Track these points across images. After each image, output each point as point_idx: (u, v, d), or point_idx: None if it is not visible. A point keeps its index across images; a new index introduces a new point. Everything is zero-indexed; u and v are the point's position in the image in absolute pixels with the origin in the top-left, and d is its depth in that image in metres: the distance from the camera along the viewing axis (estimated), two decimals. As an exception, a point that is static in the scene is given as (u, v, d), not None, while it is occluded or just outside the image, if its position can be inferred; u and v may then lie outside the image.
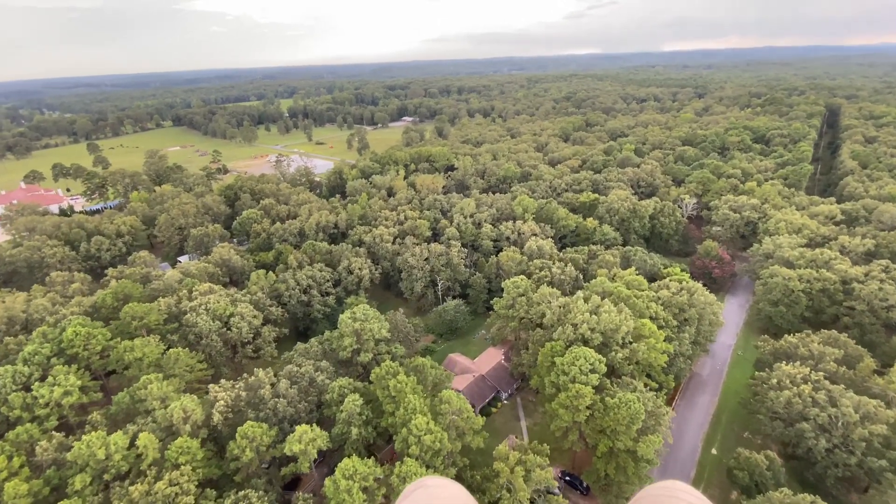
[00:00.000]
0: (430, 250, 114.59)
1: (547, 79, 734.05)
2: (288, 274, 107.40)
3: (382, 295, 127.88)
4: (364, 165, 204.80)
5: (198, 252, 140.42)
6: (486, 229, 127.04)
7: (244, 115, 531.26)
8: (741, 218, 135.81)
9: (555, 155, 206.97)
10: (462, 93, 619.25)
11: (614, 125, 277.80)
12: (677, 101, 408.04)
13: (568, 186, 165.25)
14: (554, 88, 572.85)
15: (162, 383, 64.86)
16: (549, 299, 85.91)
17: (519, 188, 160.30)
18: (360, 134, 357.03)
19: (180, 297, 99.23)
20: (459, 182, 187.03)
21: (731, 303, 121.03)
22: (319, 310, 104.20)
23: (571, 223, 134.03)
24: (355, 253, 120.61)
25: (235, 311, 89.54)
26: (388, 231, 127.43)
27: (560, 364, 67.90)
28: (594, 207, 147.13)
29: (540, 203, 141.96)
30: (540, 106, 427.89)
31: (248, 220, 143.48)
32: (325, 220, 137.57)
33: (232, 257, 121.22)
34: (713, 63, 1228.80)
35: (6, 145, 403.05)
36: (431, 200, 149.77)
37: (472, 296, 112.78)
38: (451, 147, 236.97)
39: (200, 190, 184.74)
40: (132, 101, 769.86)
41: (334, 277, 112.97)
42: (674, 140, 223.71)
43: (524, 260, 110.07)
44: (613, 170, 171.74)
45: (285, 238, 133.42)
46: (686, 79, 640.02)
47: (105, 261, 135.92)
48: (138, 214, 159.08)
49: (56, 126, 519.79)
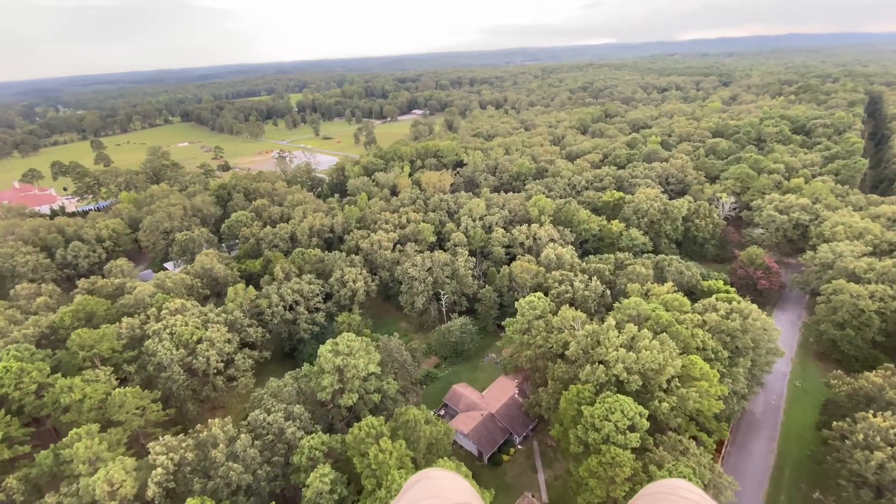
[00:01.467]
0: (433, 259, 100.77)
1: (562, 69, 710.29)
2: (272, 288, 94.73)
3: (381, 307, 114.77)
4: (367, 162, 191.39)
5: (183, 259, 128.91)
6: (498, 234, 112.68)
7: (252, 109, 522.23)
8: (789, 220, 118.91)
9: (573, 149, 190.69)
10: (474, 84, 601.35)
11: (636, 116, 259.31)
12: (702, 90, 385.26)
13: (588, 184, 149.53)
14: (570, 78, 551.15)
15: (94, 440, 52.52)
16: (573, 324, 71.51)
17: (534, 186, 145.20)
18: (367, 128, 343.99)
19: (148, 315, 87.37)
20: (469, 179, 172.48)
21: (781, 320, 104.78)
22: (306, 329, 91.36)
23: (594, 226, 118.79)
24: (350, 262, 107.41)
25: (204, 335, 77.04)
26: (388, 237, 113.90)
27: (589, 416, 53.73)
28: (619, 208, 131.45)
29: (558, 204, 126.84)
30: (555, 97, 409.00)
31: (236, 224, 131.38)
32: (320, 224, 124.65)
33: (215, 266, 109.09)
34: (735, 51, 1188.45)
35: (14, 143, 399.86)
36: (437, 201, 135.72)
37: (481, 312, 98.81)
38: (460, 141, 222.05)
39: (193, 189, 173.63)
40: (145, 97, 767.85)
41: (325, 290, 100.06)
42: (703, 131, 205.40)
43: (541, 271, 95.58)
44: (639, 165, 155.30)
45: (275, 244, 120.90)
46: (708, 67, 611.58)
47: (83, 269, 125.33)
48: (124, 217, 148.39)
49: (66, 123, 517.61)
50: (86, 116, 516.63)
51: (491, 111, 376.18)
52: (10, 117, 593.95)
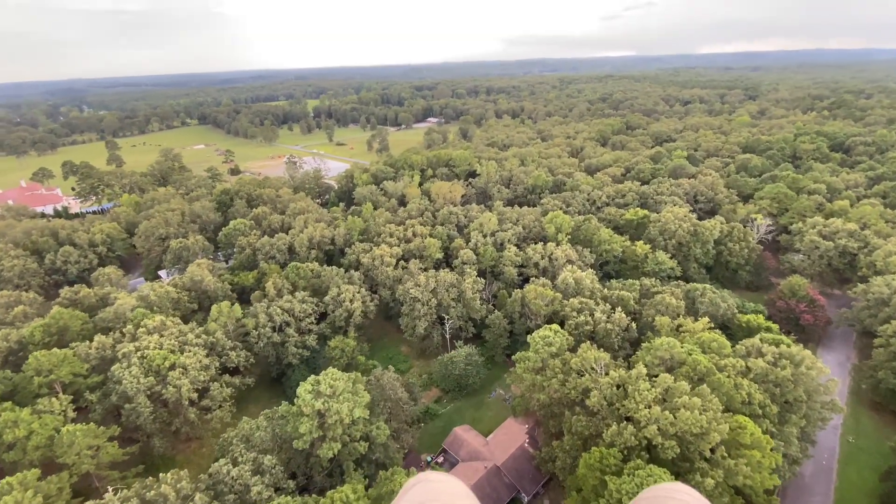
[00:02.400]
0: (437, 279, 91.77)
1: (580, 80, 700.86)
2: (260, 306, 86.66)
3: (381, 328, 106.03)
4: (377, 169, 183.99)
5: (177, 267, 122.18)
6: (510, 253, 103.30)
7: (268, 114, 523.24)
8: (835, 247, 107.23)
9: (592, 161, 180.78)
10: (490, 93, 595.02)
11: (659, 128, 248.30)
12: (727, 104, 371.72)
13: (610, 199, 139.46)
14: (588, 89, 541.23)
15: (28, 492, 44.45)
16: (595, 367, 61.69)
17: (550, 200, 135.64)
18: (381, 135, 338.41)
19: (124, 333, 79.97)
20: (481, 190, 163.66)
21: (827, 360, 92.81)
22: (295, 353, 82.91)
23: (616, 247, 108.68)
24: (348, 278, 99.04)
25: (178, 360, 69.05)
26: (391, 251, 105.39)
27: (616, 490, 43.90)
28: (643, 227, 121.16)
29: (577, 221, 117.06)
30: (573, 107, 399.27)
31: (234, 232, 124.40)
32: (320, 235, 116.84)
33: (205, 278, 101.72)
34: (759, 65, 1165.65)
35: (33, 141, 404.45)
36: (446, 213, 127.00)
37: (489, 340, 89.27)
38: (474, 150, 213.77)
39: (196, 194, 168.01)
40: (166, 99, 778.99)
41: (319, 309, 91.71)
42: (732, 146, 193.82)
43: (557, 298, 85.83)
44: (665, 181, 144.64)
45: (272, 255, 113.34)
46: (732, 80, 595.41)
47: (72, 275, 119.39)
48: (121, 221, 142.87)
49: (86, 123, 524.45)
50: (105, 117, 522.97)
51: (507, 120, 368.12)
52: (34, 116, 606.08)
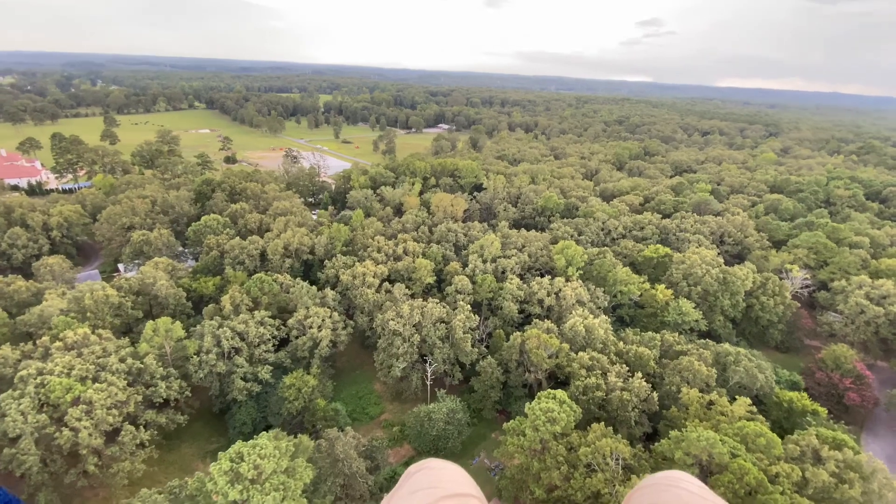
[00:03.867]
0: (423, 311, 77.60)
1: (597, 100, 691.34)
2: (208, 325, 72.51)
3: (356, 356, 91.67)
4: (376, 173, 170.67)
5: (136, 263, 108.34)
6: (512, 285, 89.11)
7: (277, 104, 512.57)
8: (885, 313, 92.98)
9: (608, 186, 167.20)
10: (505, 105, 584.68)
11: (678, 157, 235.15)
12: (748, 138, 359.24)
13: (626, 231, 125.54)
14: (605, 110, 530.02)
15: None
16: (609, 461, 47.33)
17: (561, 226, 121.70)
18: (388, 136, 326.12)
19: (36, 346, 65.89)
20: (485, 207, 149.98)
21: (874, 451, 78.37)
22: (242, 389, 68.55)
23: (634, 290, 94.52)
24: (321, 298, 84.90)
25: (84, 392, 54.82)
26: (376, 270, 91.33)
27: None
28: (663, 267, 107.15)
29: (590, 254, 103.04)
30: (589, 127, 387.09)
31: (204, 229, 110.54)
32: (298, 242, 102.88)
33: (158, 281, 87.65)
34: (776, 103, 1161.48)
35: (33, 109, 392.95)
36: (444, 231, 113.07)
37: (478, 390, 74.86)
38: (482, 162, 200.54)
39: (178, 181, 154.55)
40: (180, 81, 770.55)
41: (280, 334, 77.55)
42: (758, 184, 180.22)
43: (563, 350, 71.52)
44: (688, 216, 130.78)
45: (241, 260, 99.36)
46: (751, 115, 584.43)
47: (17, 261, 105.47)
48: (87, 203, 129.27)
49: (93, 97, 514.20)
50: (112, 92, 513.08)
51: (520, 134, 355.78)
52: (44, 85, 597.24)
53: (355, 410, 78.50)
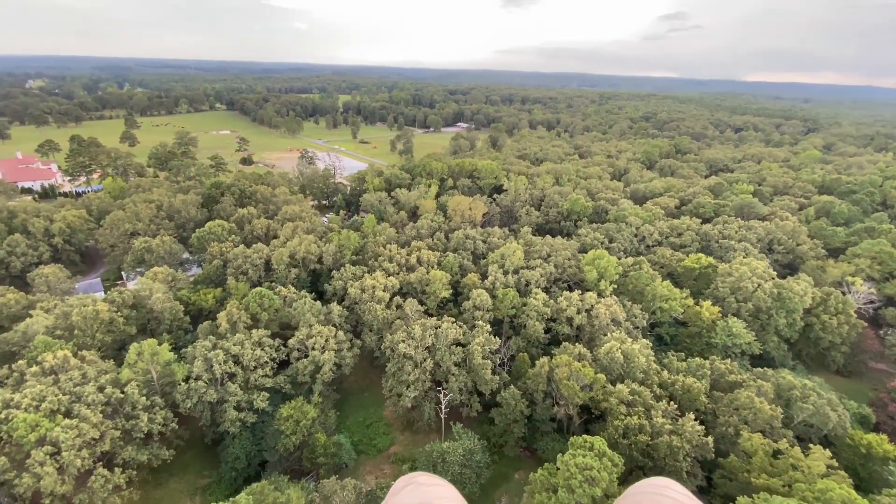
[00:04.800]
0: (437, 333, 69.05)
1: (621, 96, 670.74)
2: (200, 347, 65.55)
3: (364, 376, 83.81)
4: (391, 174, 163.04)
5: (138, 271, 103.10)
6: (537, 301, 79.69)
7: (296, 105, 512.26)
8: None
9: (640, 187, 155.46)
10: (525, 103, 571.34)
11: (713, 155, 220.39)
12: (786, 134, 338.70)
13: (663, 238, 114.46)
14: (630, 107, 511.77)
15: None
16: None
17: (590, 232, 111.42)
18: (405, 136, 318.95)
19: (11, 370, 59.96)
20: (506, 210, 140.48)
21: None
22: (235, 420, 61.25)
23: (676, 306, 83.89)
24: (325, 314, 77.21)
25: (52, 431, 48.16)
26: (387, 283, 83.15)
27: None
28: (706, 279, 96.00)
29: (624, 264, 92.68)
30: (614, 124, 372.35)
31: (208, 236, 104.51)
32: (305, 251, 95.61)
33: (154, 293, 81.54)
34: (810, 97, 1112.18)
35: (58, 112, 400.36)
36: (461, 238, 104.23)
37: (500, 423, 65.88)
38: (503, 161, 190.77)
39: (188, 185, 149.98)
40: (203, 83, 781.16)
41: (280, 356, 70.12)
42: (805, 184, 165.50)
43: (599, 381, 61.92)
44: (732, 220, 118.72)
45: (244, 270, 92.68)
46: (786, 110, 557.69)
47: (15, 269, 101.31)
48: (92, 208, 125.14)
49: (117, 99, 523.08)
50: (135, 94, 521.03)
51: (541, 132, 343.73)
52: (72, 88, 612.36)
53: (362, 441, 70.58)
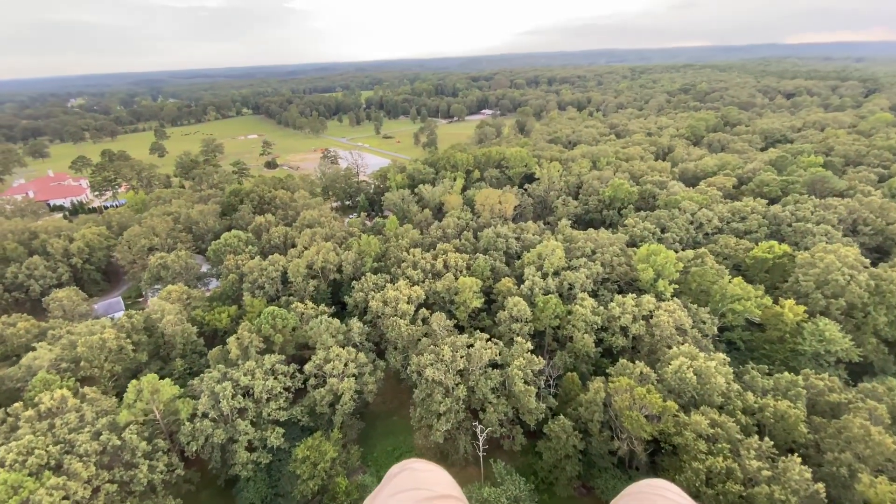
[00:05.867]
0: (470, 354, 59.69)
1: (655, 69, 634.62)
2: (208, 378, 58.90)
3: (393, 395, 75.84)
4: (414, 169, 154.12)
5: (157, 288, 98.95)
6: (584, 308, 68.85)
7: (319, 104, 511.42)
8: None
9: (688, 166, 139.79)
10: (552, 83, 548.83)
11: (767, 125, 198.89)
12: (845, 97, 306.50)
13: (723, 223, 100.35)
14: (665, 79, 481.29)
15: None
16: None
17: (638, 222, 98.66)
18: (429, 128, 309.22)
19: (8, 414, 55.07)
20: (539, 201, 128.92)
21: None
22: (247, 462, 54.27)
23: (752, 307, 71.01)
24: (344, 334, 69.26)
25: (36, 494, 42.16)
26: (411, 293, 74.38)
27: None
28: (781, 271, 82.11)
29: (683, 259, 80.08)
30: (650, 98, 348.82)
31: (224, 248, 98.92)
32: (323, 260, 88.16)
33: (166, 315, 76.13)
34: (863, 56, 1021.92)
35: (94, 128, 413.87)
36: (491, 237, 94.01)
37: (546, 458, 56.08)
38: (532, 147, 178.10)
39: (207, 194, 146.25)
40: (231, 90, 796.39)
41: (296, 383, 62.73)
42: (881, 152, 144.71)
43: (669, 409, 50.98)
44: (805, 199, 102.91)
45: (260, 285, 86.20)
46: (839, 71, 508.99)
47: (35, 293, 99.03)
48: (113, 224, 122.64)
49: (150, 112, 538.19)
50: (165, 105, 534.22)
51: (571, 112, 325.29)
52: (109, 104, 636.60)
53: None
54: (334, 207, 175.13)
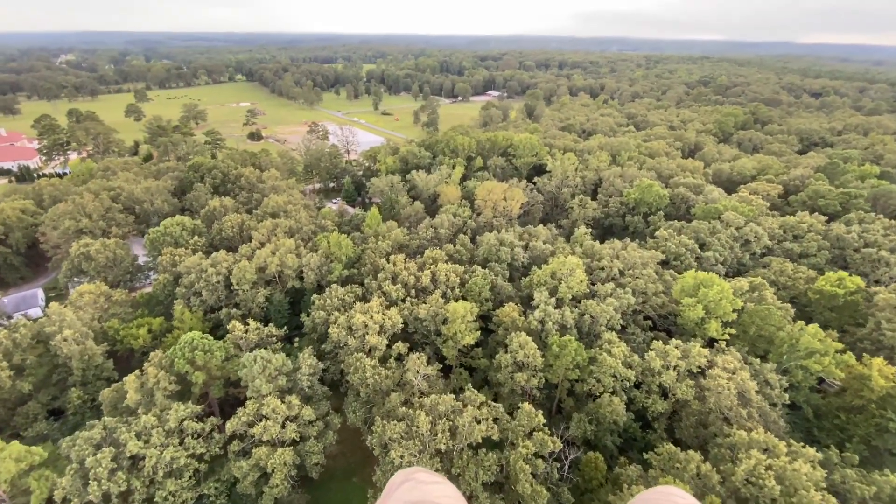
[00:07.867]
0: (454, 428, 42.19)
1: (671, 59, 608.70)
2: (79, 442, 41.15)
3: (354, 451, 58.61)
4: (408, 152, 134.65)
5: (78, 282, 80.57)
6: (612, 358, 51.27)
7: (317, 74, 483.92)
8: None
9: (721, 167, 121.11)
10: (563, 68, 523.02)
11: (803, 125, 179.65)
12: (879, 100, 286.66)
13: (774, 242, 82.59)
14: (682, 70, 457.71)
15: None
16: None
17: (673, 235, 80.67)
18: (431, 106, 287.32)
19: None
20: (551, 198, 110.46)
21: None
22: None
23: (829, 364, 53.75)
24: (289, 374, 51.44)
25: None
26: (384, 319, 56.36)
27: None
28: (853, 310, 64.90)
29: (737, 290, 62.31)
30: (667, 89, 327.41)
31: (161, 239, 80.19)
32: (278, 264, 69.77)
33: (65, 328, 57.93)
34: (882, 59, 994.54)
35: (74, 86, 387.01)
36: (493, 245, 75.71)
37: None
38: (542, 134, 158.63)
39: (168, 167, 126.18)
40: (227, 55, 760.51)
41: (211, 451, 45.18)
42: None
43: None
44: (872, 218, 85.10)
45: (197, 291, 67.97)
46: (862, 73, 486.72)
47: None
48: (44, 198, 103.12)
49: (137, 72, 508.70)
50: (153, 67, 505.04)
51: (584, 99, 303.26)
52: (97, 62, 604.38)
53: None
54: (317, 190, 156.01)
